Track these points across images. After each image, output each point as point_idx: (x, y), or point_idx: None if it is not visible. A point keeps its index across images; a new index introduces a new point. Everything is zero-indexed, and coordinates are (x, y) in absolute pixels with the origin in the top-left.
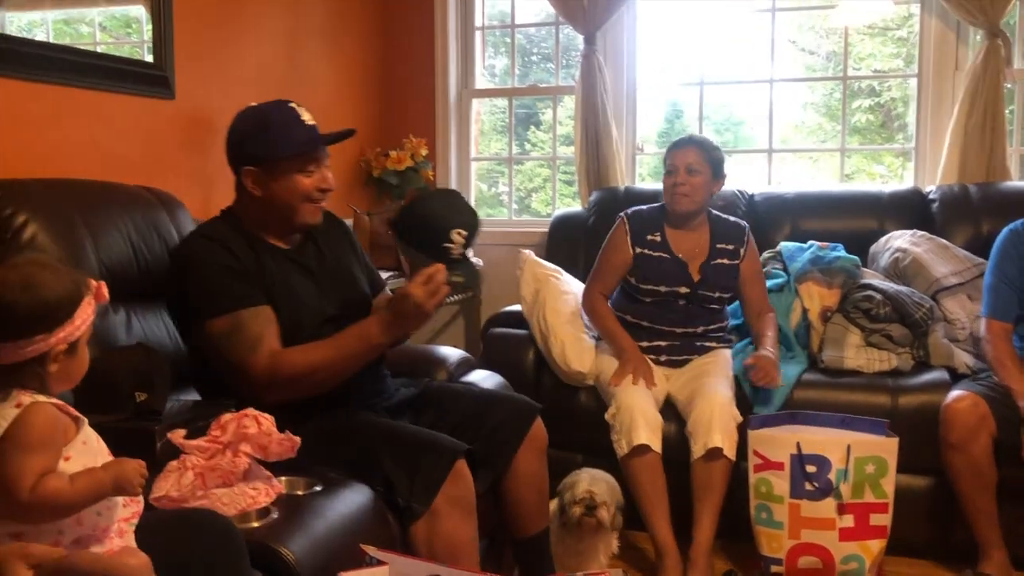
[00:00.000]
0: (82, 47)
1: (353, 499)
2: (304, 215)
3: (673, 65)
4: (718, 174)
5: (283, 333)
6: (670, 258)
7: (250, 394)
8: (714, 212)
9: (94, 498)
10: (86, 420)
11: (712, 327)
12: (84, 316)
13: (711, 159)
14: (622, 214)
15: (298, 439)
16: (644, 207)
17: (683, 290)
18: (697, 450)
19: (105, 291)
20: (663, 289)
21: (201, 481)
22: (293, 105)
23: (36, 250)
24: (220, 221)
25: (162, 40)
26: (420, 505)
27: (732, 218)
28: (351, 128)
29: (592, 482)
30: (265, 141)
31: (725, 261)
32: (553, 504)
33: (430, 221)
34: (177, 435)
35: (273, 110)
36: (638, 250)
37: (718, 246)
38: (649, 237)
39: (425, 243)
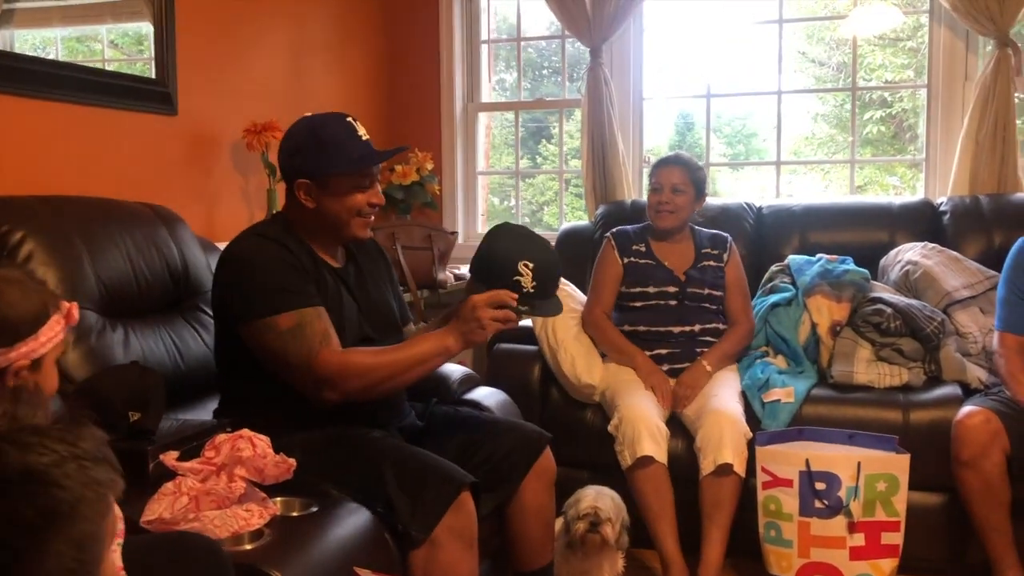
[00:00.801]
0: (85, 64)
1: (351, 522)
2: (355, 229)
3: (681, 77)
4: (701, 193)
5: None
6: (656, 264)
7: (314, 392)
8: (695, 227)
9: None
10: None
11: (709, 326)
12: (50, 335)
13: (695, 179)
14: (607, 234)
15: (293, 461)
16: (628, 226)
17: (672, 289)
18: (706, 466)
19: (76, 312)
20: (652, 290)
21: (195, 504)
22: (350, 119)
23: (15, 267)
24: (274, 224)
25: (164, 57)
26: (419, 533)
27: (713, 230)
28: (404, 144)
29: (597, 497)
30: (321, 155)
31: (711, 263)
32: (559, 522)
33: (498, 256)
34: (170, 457)
35: (331, 123)
36: (626, 260)
37: (703, 251)
38: (635, 247)
39: (495, 278)
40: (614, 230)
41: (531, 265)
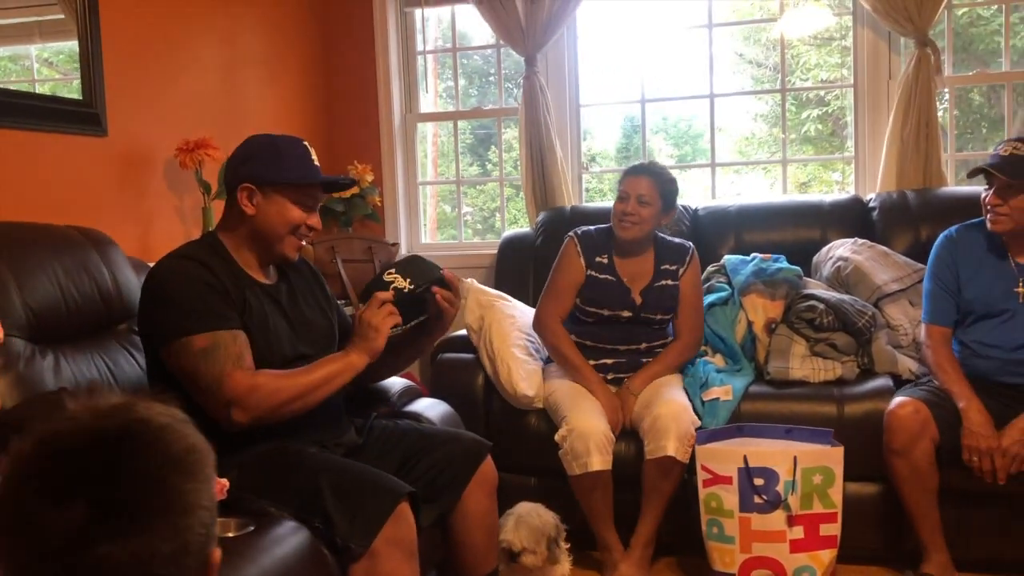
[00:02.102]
0: (9, 88)
1: (289, 540)
2: (286, 247)
3: (619, 81)
4: (669, 207)
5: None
6: (615, 281)
7: (223, 413)
8: (659, 235)
9: None
10: None
11: (655, 343)
12: None
13: (664, 191)
14: (571, 233)
15: (226, 481)
16: (592, 228)
17: (625, 314)
18: (649, 451)
19: (0, 333)
20: (606, 313)
21: None
22: (306, 144)
23: None
24: (200, 244)
25: (92, 77)
26: (358, 546)
27: (678, 240)
28: (352, 178)
29: (514, 528)
30: (274, 163)
31: (668, 282)
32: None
33: (370, 283)
34: None
35: (287, 141)
36: (588, 272)
37: (662, 267)
38: (598, 259)
39: (370, 295)
40: (579, 231)
41: (394, 270)
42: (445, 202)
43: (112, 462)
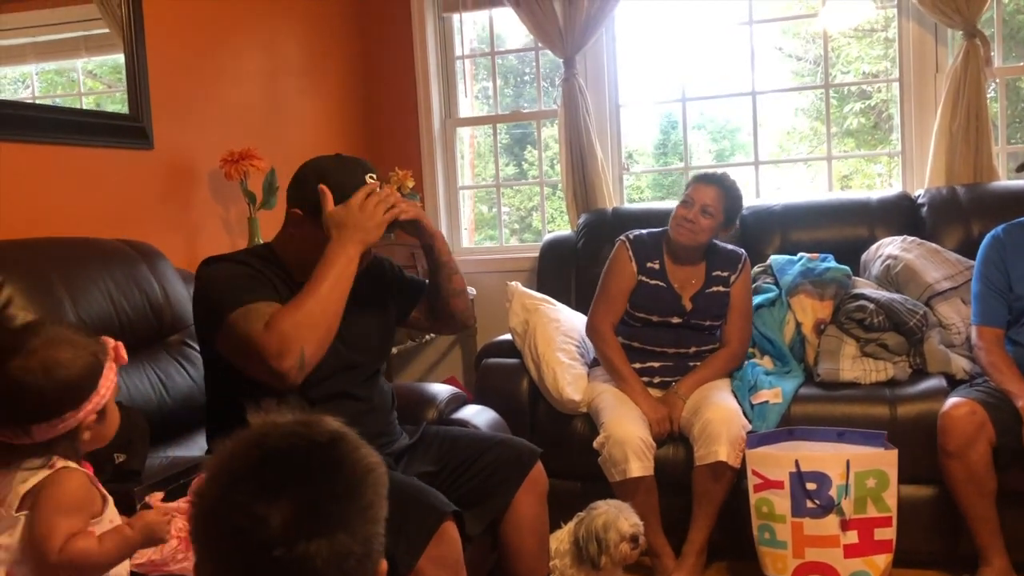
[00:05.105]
0: (60, 105)
1: None
2: None
3: (658, 80)
4: (730, 222)
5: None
6: (665, 287)
7: (273, 374)
8: (712, 241)
9: (122, 555)
10: (111, 499)
11: (704, 348)
12: (108, 383)
13: (729, 206)
14: (623, 237)
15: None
16: (644, 232)
17: (675, 320)
18: (700, 457)
19: (123, 352)
20: (655, 319)
21: (184, 545)
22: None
23: (53, 325)
24: (251, 251)
25: (138, 91)
26: (403, 566)
27: (730, 246)
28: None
29: (629, 514)
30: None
31: (719, 289)
32: (558, 541)
33: (341, 186)
34: (155, 498)
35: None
36: (640, 277)
37: (714, 274)
38: (649, 264)
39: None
40: (631, 235)
41: (373, 176)
42: (482, 202)
43: (321, 468)
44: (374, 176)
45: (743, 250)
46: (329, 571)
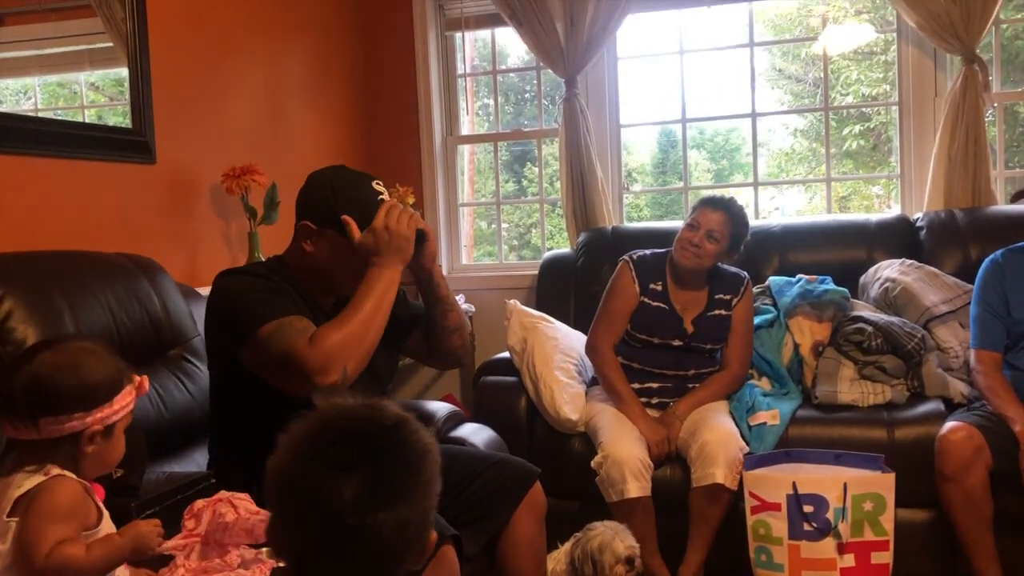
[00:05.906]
0: (63, 119)
1: None
2: (342, 287)
3: (658, 99)
4: (735, 248)
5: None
6: (667, 309)
7: (308, 382)
8: (717, 265)
9: (111, 564)
10: (107, 514)
11: (704, 370)
12: (123, 403)
13: (735, 232)
14: (626, 257)
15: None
16: (648, 253)
17: (676, 342)
18: (697, 479)
19: (147, 384)
20: (656, 341)
21: None
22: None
23: (91, 340)
24: (263, 264)
25: (141, 105)
26: None
27: (733, 269)
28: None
29: (625, 536)
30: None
31: (721, 312)
32: (554, 562)
33: (357, 205)
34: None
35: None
36: (642, 298)
37: (716, 297)
38: (652, 286)
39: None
40: (634, 255)
41: (380, 182)
42: (481, 219)
43: (388, 448)
44: (379, 182)
45: (745, 273)
46: (393, 538)
